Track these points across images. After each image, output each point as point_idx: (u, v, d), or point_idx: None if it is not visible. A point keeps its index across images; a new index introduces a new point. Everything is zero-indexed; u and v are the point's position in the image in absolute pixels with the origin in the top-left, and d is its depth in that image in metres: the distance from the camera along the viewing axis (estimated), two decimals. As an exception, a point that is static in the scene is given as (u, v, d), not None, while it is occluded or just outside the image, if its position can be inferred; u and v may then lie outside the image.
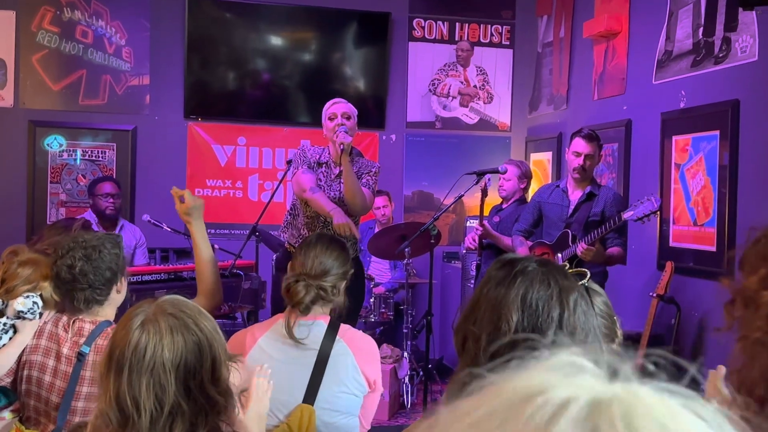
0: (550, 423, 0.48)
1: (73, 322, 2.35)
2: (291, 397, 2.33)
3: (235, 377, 1.63)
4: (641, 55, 4.90)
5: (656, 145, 4.66)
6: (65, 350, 2.31)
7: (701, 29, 4.27)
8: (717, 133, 4.10)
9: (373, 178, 4.08)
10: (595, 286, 1.87)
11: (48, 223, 5.85)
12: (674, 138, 4.49)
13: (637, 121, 4.96)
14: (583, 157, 4.26)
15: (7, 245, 5.70)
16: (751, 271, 0.96)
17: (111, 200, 5.25)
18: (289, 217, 4.22)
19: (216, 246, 4.97)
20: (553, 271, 1.36)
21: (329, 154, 4.08)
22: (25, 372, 2.33)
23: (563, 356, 0.54)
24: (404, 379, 5.05)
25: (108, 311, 2.39)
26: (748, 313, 0.96)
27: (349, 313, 2.64)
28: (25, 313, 2.33)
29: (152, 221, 5.06)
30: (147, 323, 1.53)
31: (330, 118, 4.00)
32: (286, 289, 2.40)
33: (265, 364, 2.17)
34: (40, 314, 2.38)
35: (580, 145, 4.28)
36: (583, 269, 1.72)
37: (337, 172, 4.00)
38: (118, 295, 2.43)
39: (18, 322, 2.35)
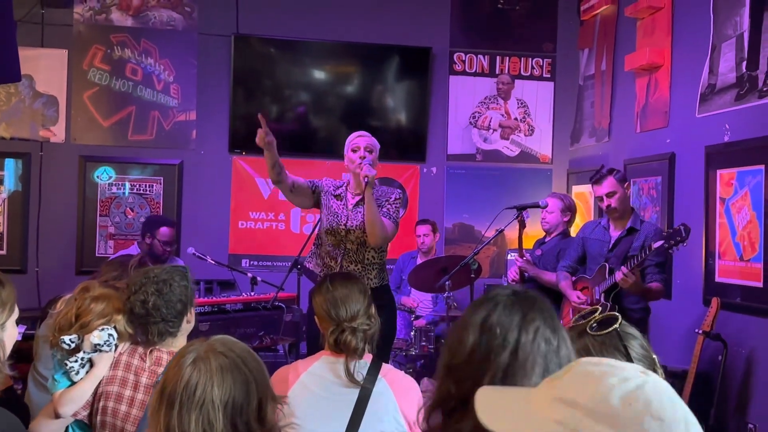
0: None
1: (151, 351, 2.42)
2: (332, 434, 2.35)
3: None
4: (684, 88, 4.87)
5: (700, 178, 4.61)
6: (144, 379, 2.37)
7: (745, 63, 4.24)
8: (762, 167, 4.04)
9: (393, 206, 4.01)
10: (631, 329, 1.85)
11: (96, 255, 6.00)
12: (719, 172, 4.44)
13: (680, 155, 4.92)
14: (604, 198, 4.26)
15: (58, 276, 5.83)
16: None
17: (169, 248, 5.39)
18: (314, 247, 4.26)
19: (258, 278, 5.05)
20: (522, 299, 1.39)
21: (346, 188, 4.10)
22: (101, 403, 2.38)
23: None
24: (445, 413, 5.01)
25: (180, 341, 2.45)
26: None
27: (381, 346, 2.66)
28: (102, 346, 2.41)
29: (197, 254, 5.14)
30: (198, 361, 1.58)
31: (353, 150, 4.03)
32: (335, 341, 2.43)
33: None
34: (116, 346, 2.45)
35: (596, 190, 4.35)
36: (614, 313, 1.73)
37: (354, 201, 4.01)
38: (188, 325, 2.50)
39: (94, 356, 2.42)
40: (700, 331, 4.10)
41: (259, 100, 6.30)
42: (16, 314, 2.04)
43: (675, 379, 3.96)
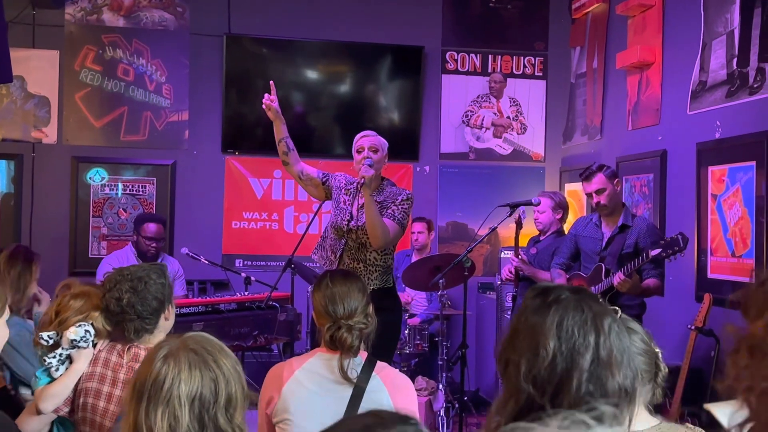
0: None
1: (129, 348, 2.44)
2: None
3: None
4: (675, 85, 4.89)
5: (692, 175, 4.63)
6: (121, 375, 2.39)
7: (735, 60, 4.26)
8: (753, 163, 4.06)
9: (399, 208, 3.95)
10: (632, 324, 1.88)
11: (90, 256, 6.00)
12: (710, 168, 4.46)
13: (672, 152, 4.94)
14: (593, 195, 4.27)
15: (51, 277, 5.83)
16: (757, 316, 0.90)
17: (154, 244, 5.31)
18: (320, 239, 4.27)
19: (252, 278, 5.06)
20: (585, 297, 1.42)
21: (357, 187, 4.10)
22: (81, 399, 2.40)
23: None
24: (440, 411, 5.03)
25: (159, 338, 2.47)
26: (754, 362, 0.89)
27: (384, 349, 2.66)
28: (78, 342, 2.42)
29: (190, 254, 5.14)
30: (169, 357, 1.59)
31: (358, 151, 4.04)
32: (330, 338, 2.44)
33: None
34: (94, 343, 2.46)
35: (585, 187, 4.36)
36: (614, 307, 1.75)
37: (362, 203, 4.01)
38: (166, 322, 2.51)
39: (73, 352, 2.43)
40: (693, 327, 4.11)
41: (251, 100, 6.29)
42: (6, 315, 2.06)
43: (668, 374, 3.97)
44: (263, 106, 4.03)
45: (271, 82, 4.12)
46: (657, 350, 1.99)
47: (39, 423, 2.44)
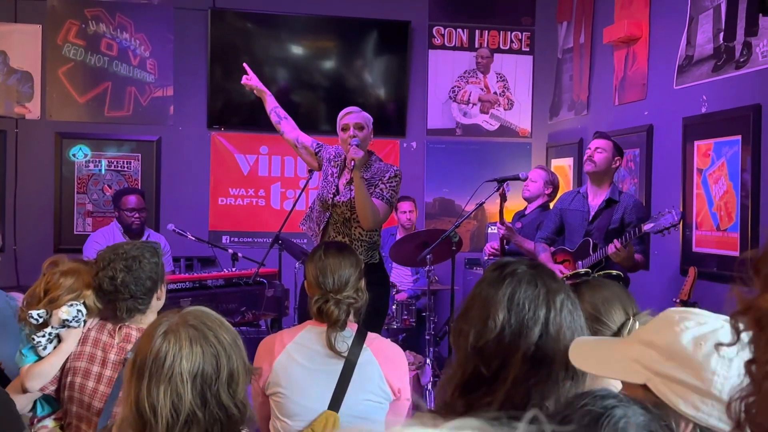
0: None
1: (120, 328, 2.41)
2: (317, 403, 2.37)
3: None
4: (662, 60, 4.89)
5: (678, 150, 4.65)
6: (112, 356, 2.37)
7: (722, 34, 4.26)
8: (739, 138, 4.08)
9: (388, 186, 3.91)
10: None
11: (75, 233, 5.96)
12: (696, 143, 4.48)
13: (658, 127, 4.95)
14: (593, 149, 4.29)
15: (37, 254, 5.80)
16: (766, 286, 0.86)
17: (136, 215, 5.27)
18: (309, 209, 4.27)
19: (239, 254, 5.05)
20: (541, 273, 1.42)
21: (344, 161, 4.09)
22: (69, 378, 2.38)
23: None
24: (427, 385, 5.06)
25: (150, 318, 2.45)
26: (761, 336, 0.86)
27: (373, 323, 2.67)
28: (70, 322, 2.39)
29: (177, 230, 5.12)
30: (169, 333, 1.57)
31: (343, 129, 4.00)
32: (318, 310, 2.44)
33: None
34: (84, 322, 2.43)
35: (593, 142, 4.37)
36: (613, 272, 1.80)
37: (348, 178, 3.99)
38: (158, 302, 2.49)
39: (62, 331, 2.40)
40: (678, 300, 4.15)
41: (236, 76, 6.17)
42: None
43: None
44: (246, 88, 4.16)
45: (245, 64, 4.23)
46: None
47: (24, 400, 2.41)
